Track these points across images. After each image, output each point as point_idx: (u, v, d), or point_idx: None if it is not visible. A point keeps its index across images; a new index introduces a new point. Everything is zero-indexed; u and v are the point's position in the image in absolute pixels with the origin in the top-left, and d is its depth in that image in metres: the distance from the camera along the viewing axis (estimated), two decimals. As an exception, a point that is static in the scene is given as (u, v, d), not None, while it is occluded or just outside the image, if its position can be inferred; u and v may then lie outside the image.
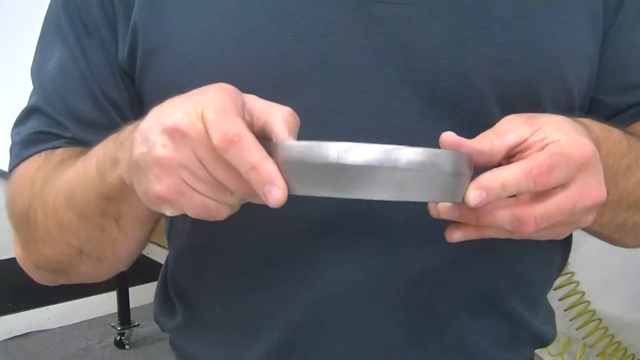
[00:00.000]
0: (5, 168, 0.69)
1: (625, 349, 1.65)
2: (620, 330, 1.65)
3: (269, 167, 0.45)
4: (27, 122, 0.67)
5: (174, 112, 0.47)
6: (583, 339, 1.67)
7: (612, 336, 1.66)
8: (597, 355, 1.66)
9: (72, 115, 0.65)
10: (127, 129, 0.55)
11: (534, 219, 0.48)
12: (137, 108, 0.66)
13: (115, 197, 0.56)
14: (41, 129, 0.65)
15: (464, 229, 0.51)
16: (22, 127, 0.67)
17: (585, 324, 1.65)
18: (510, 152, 0.51)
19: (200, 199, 0.47)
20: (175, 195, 0.47)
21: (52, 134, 0.65)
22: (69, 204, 0.60)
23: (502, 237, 0.52)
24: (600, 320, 1.65)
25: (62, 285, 0.70)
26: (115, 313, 2.72)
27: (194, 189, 0.47)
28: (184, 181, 0.47)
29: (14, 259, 0.68)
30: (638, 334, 1.63)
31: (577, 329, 1.65)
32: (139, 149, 0.48)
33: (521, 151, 0.50)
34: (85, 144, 0.64)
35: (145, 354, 2.67)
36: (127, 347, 2.69)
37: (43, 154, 0.65)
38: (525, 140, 0.50)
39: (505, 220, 0.48)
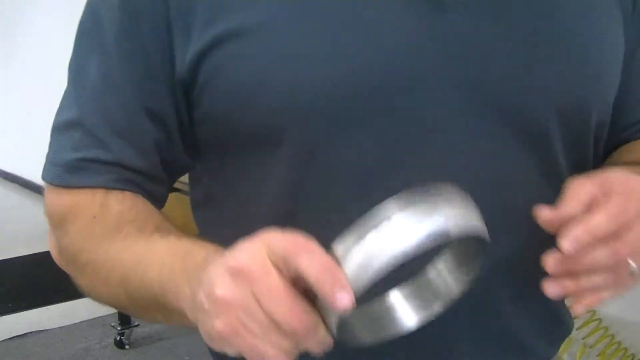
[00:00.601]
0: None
1: (625, 349, 1.65)
2: (620, 330, 1.65)
3: (339, 271, 0.45)
4: (67, 132, 0.65)
5: (237, 252, 0.49)
6: (583, 339, 1.67)
7: (612, 336, 1.66)
8: (597, 355, 1.67)
9: (112, 128, 0.63)
10: (199, 255, 0.55)
11: (628, 245, 0.53)
12: (185, 116, 0.63)
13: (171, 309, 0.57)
14: (85, 157, 0.64)
15: (564, 285, 0.55)
16: (62, 138, 0.65)
17: (585, 324, 1.65)
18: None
19: (252, 341, 0.47)
20: (231, 334, 0.48)
21: (96, 161, 0.63)
22: (123, 286, 0.61)
23: (598, 292, 0.56)
24: (600, 320, 1.65)
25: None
26: (115, 313, 2.71)
27: (248, 329, 0.47)
28: (240, 319, 0.47)
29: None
30: (638, 334, 1.63)
31: (577, 329, 1.65)
32: (202, 292, 0.50)
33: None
34: (128, 169, 0.63)
35: (145, 354, 2.67)
36: (127, 347, 2.69)
37: (98, 199, 0.63)
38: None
39: (604, 256, 0.53)
